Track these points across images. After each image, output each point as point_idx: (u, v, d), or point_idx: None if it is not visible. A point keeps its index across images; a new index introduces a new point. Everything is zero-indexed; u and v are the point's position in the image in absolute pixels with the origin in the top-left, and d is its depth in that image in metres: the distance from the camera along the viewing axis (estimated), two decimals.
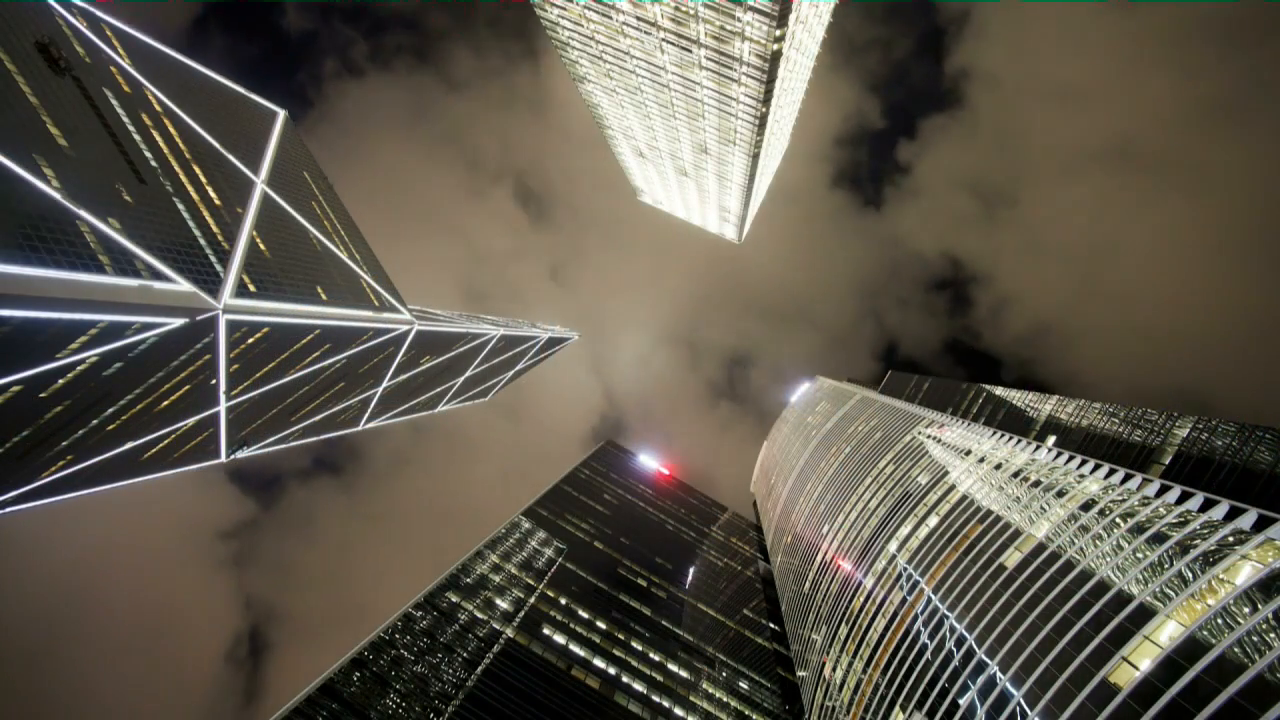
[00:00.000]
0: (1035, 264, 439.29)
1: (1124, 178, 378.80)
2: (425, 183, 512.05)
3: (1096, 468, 46.47)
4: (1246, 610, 28.46)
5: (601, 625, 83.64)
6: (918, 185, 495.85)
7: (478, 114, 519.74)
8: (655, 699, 74.75)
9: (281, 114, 69.94)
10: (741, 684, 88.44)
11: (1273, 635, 26.72)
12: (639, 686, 75.49)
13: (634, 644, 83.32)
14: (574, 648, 76.03)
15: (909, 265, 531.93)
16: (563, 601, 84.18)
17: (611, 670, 75.68)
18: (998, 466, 58.53)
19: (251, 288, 43.87)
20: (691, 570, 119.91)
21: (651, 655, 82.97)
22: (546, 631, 76.33)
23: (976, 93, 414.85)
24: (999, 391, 70.04)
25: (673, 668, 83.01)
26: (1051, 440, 55.14)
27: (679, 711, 74.93)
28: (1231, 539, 32.07)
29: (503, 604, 77.50)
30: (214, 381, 47.86)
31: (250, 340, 46.15)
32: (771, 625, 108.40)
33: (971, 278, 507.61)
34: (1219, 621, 29.07)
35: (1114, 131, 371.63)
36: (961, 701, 41.39)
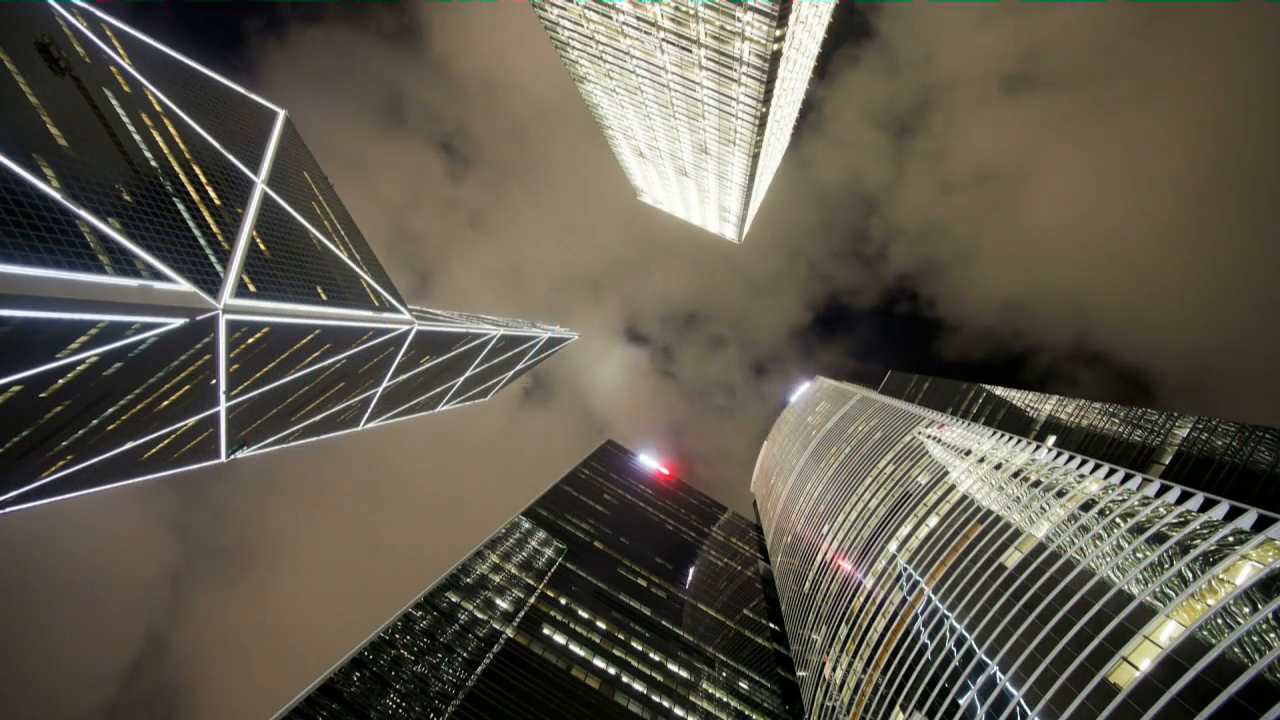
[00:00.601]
0: (947, 192, 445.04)
1: (1040, 97, 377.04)
2: (336, 129, 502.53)
3: (1096, 468, 46.47)
4: (1246, 610, 28.46)
5: (601, 625, 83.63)
6: (828, 121, 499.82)
7: (389, 59, 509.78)
8: (655, 699, 74.74)
9: (281, 114, 69.96)
10: (741, 684, 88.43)
11: (1273, 635, 26.72)
12: (639, 686, 75.49)
13: (634, 644, 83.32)
14: (574, 648, 76.02)
15: (824, 205, 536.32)
16: (563, 601, 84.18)
17: (611, 670, 75.68)
18: (998, 466, 58.53)
19: (251, 288, 43.88)
20: (691, 570, 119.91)
21: (651, 655, 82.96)
22: (546, 631, 76.33)
23: (886, 24, 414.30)
24: (999, 391, 70.07)
25: (673, 668, 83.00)
26: (1051, 440, 55.15)
27: (679, 711, 74.92)
28: (1231, 539, 32.08)
29: (503, 604, 77.50)
30: (214, 381, 47.85)
31: (250, 340, 46.15)
32: (771, 625, 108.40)
33: (880, 211, 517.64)
34: (1219, 621, 29.07)
35: (1028, 47, 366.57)
36: (961, 701, 41.39)
